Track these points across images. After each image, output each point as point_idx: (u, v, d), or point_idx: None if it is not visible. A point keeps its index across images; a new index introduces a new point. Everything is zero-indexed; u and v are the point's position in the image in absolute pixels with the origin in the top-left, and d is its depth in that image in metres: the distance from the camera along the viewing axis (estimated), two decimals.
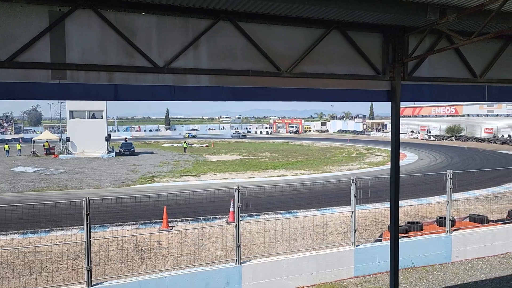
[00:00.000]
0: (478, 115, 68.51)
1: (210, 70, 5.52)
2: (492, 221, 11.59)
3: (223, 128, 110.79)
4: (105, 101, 46.44)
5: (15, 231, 13.46)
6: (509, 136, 59.46)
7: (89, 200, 7.27)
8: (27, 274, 9.61)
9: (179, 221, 15.12)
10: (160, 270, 9.43)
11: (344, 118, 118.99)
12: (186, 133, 53.70)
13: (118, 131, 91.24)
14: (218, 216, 15.75)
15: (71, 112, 47.28)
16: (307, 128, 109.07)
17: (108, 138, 47.75)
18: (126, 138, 61.50)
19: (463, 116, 71.04)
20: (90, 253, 7.31)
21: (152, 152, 50.36)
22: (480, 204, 17.14)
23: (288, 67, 5.86)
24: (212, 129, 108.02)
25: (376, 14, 5.14)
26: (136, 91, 5.21)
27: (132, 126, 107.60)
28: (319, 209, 16.40)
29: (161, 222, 14.39)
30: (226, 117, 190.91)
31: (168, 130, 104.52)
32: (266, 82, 5.95)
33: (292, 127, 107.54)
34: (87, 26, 4.82)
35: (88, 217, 7.21)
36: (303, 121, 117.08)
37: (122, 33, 4.97)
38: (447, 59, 6.70)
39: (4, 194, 22.47)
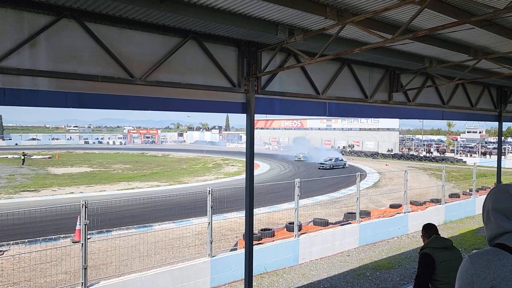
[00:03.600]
0: (319, 129, 77.20)
1: (51, 73, 4.87)
2: (332, 223, 12.97)
3: (70, 138, 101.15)
4: None
5: None
6: (344, 147, 68.42)
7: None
8: None
9: (12, 244, 13.05)
10: None
11: (201, 129, 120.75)
12: (22, 153, 47.30)
13: None
14: (62, 236, 14.12)
15: None
16: (164, 138, 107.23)
17: None
18: None
19: (308, 129, 79.13)
20: None
21: None
22: (322, 208, 19.09)
23: (143, 74, 5.57)
24: (57, 139, 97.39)
25: (230, 27, 5.25)
26: None
27: None
28: (175, 221, 16.08)
29: None
30: (74, 126, 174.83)
31: (1, 139, 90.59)
32: (118, 89, 5.54)
33: (148, 137, 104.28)
34: None
35: None
36: (159, 131, 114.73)
37: None
38: (295, 76, 7.27)
39: None
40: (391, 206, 15.75)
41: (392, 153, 59.26)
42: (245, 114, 6.74)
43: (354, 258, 11.62)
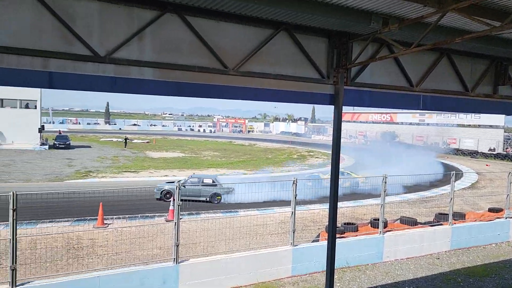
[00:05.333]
0: (410, 123, 72.90)
1: (154, 63, 5.34)
2: (421, 223, 12.34)
3: (166, 125, 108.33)
4: (39, 91, 43.50)
5: None
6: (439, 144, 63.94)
7: (16, 194, 6.74)
8: None
9: (115, 218, 14.53)
10: (92, 269, 8.98)
11: (287, 120, 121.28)
12: (125, 137, 51.82)
13: (53, 122, 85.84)
14: (157, 214, 15.36)
15: (1, 100, 43.77)
16: (251, 128, 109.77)
17: (41, 129, 44.76)
18: (60, 130, 58.15)
19: (398, 123, 75.24)
20: (16, 251, 6.78)
21: (89, 146, 48.06)
22: (410, 207, 18.19)
23: (235, 65, 5.82)
24: (155, 125, 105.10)
25: (323, 18, 5.24)
26: (74, 80, 4.90)
27: (69, 118, 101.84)
28: (259, 209, 16.53)
29: (96, 219, 13.75)
30: (169, 114, 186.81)
31: (107, 124, 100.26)
32: (212, 79, 5.86)
33: (236, 126, 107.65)
34: (19, 5, 4.45)
35: (14, 212, 6.68)
36: (247, 121, 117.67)
37: (60, 17, 4.65)
38: (387, 67, 7.02)
39: None
40: (490, 210, 14.47)
41: (494, 153, 53.92)
42: (332, 106, 6.70)
43: (444, 262, 10.95)
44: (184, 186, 17.13)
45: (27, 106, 44.77)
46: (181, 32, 5.47)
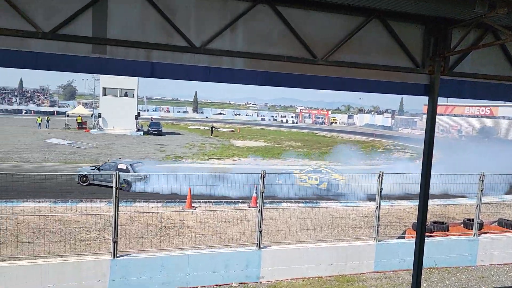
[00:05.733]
0: None
1: (245, 53, 5.50)
2: None
3: (250, 115, 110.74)
4: (137, 80, 47.12)
5: (47, 199, 13.98)
6: None
7: (118, 174, 7.46)
8: (56, 241, 10.00)
9: (201, 202, 15.33)
10: (181, 247, 9.62)
11: (372, 112, 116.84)
12: (211, 125, 54.17)
13: (148, 110, 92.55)
14: (240, 201, 15.88)
15: (104, 89, 48.22)
16: (333, 120, 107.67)
17: (137, 116, 48.61)
18: (152, 117, 62.44)
19: (498, 118, 68.41)
20: (117, 226, 7.52)
21: (179, 133, 51.04)
22: (510, 209, 16.60)
23: (324, 54, 5.77)
24: (239, 114, 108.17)
25: (420, 3, 4.97)
26: (172, 70, 5.26)
27: (161, 106, 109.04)
28: (341, 201, 16.27)
29: (185, 202, 14.64)
30: (253, 104, 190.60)
31: (195, 112, 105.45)
32: (301, 69, 5.88)
33: (318, 118, 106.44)
34: (129, 2, 4.87)
35: (117, 191, 7.40)
36: (329, 112, 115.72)
37: (162, 11, 5.00)
38: (491, 56, 6.43)
39: (38, 164, 23.30)
40: None
41: None
42: (424, 97, 6.34)
43: None
44: (99, 170, 17.82)
45: (126, 95, 48.78)
46: (271, 22, 5.56)
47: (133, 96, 48.93)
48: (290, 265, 8.59)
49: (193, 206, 14.57)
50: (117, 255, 7.54)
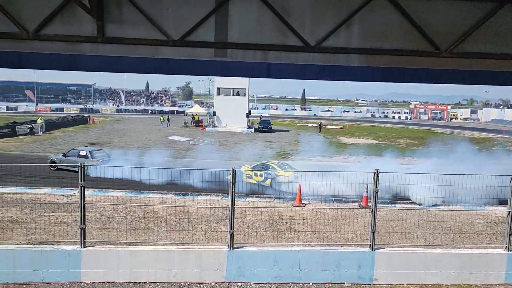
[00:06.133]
0: None
1: (360, 50, 5.39)
2: None
3: (360, 111, 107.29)
4: (247, 80, 49.05)
5: (170, 192, 15.43)
6: None
7: (235, 170, 7.88)
8: (179, 230, 10.96)
9: (311, 199, 15.37)
10: (292, 243, 9.80)
11: (501, 106, 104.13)
12: (320, 122, 53.90)
13: (257, 108, 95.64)
14: (350, 199, 15.54)
15: (218, 89, 51.21)
16: (454, 115, 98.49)
17: (248, 114, 50.60)
18: (261, 115, 64.35)
19: None
20: (233, 219, 7.96)
21: (287, 131, 51.78)
22: None
23: (448, 46, 5.37)
24: (347, 111, 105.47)
25: None
26: (287, 70, 5.40)
27: (270, 104, 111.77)
28: (464, 204, 14.87)
29: (295, 198, 14.84)
30: (362, 100, 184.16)
31: (303, 110, 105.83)
32: (421, 63, 5.57)
33: (436, 113, 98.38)
34: (247, 6, 5.12)
35: (233, 185, 7.83)
36: (449, 107, 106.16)
37: (278, 13, 5.15)
38: None
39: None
40: None
41: None
42: None
43: None
44: (65, 156, 20.16)
45: (237, 94, 51.12)
46: (388, 15, 5.35)
47: (244, 95, 51.03)
48: (406, 269, 8.17)
49: (303, 203, 14.69)
50: (233, 247, 7.98)
